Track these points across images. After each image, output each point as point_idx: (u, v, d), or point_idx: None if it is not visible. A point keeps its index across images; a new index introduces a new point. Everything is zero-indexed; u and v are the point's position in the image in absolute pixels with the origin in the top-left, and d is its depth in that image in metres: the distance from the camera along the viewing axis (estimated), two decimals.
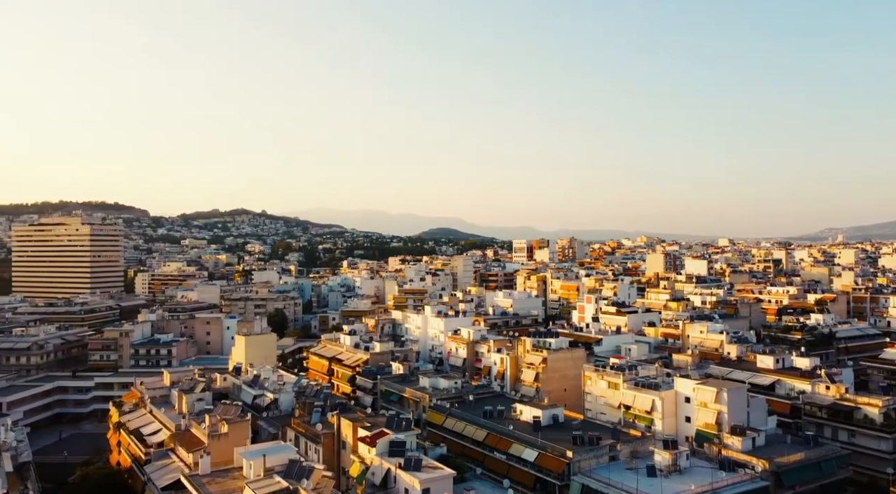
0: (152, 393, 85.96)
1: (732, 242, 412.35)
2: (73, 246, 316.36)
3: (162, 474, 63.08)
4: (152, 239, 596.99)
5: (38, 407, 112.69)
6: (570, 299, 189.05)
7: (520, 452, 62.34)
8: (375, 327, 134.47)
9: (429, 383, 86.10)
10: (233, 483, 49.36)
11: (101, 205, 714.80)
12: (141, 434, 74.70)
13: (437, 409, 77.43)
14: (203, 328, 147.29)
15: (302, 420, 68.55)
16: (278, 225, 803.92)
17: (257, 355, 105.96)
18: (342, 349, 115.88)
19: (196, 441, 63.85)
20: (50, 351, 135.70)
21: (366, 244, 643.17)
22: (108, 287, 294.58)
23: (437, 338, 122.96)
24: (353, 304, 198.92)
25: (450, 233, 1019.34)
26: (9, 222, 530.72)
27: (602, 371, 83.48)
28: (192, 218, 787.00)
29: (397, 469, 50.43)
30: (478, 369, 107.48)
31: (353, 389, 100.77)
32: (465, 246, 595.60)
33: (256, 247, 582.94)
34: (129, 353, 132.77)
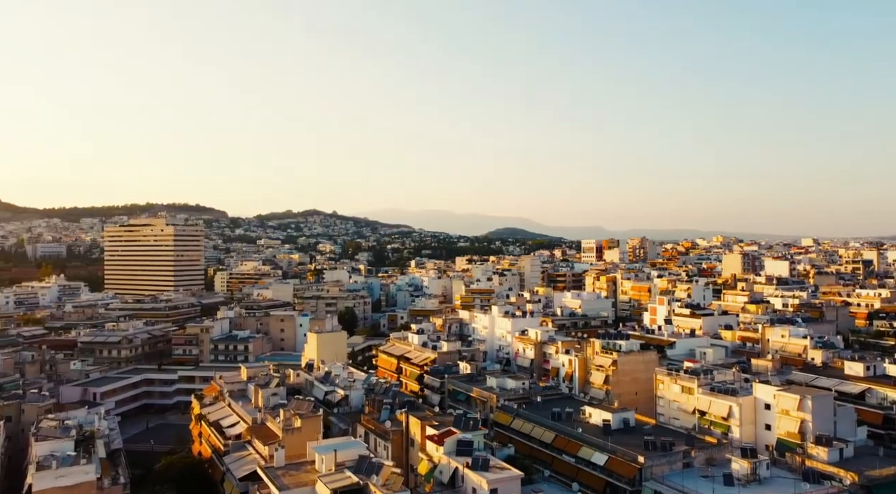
0: (230, 386, 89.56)
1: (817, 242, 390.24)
2: (159, 245, 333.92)
3: (240, 465, 65.66)
4: (230, 239, 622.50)
5: (127, 397, 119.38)
6: (641, 300, 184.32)
7: (589, 455, 61.30)
8: (443, 326, 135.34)
9: (496, 383, 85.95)
10: (306, 477, 50.79)
11: (184, 207, 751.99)
12: (220, 427, 78.02)
13: (504, 410, 77.19)
14: (277, 325, 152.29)
15: (371, 417, 69.83)
16: (348, 225, 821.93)
17: (328, 352, 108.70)
18: (410, 347, 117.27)
19: (271, 434, 66.17)
20: (138, 345, 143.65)
21: (433, 244, 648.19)
22: (190, 285, 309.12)
23: (505, 339, 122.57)
24: (421, 303, 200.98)
25: (517, 232, 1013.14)
26: (101, 223, 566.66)
27: (675, 374, 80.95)
28: (267, 218, 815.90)
29: (465, 468, 50.59)
30: (545, 370, 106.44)
31: (421, 387, 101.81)
32: (532, 246, 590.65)
33: (327, 246, 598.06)
34: (209, 348, 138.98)
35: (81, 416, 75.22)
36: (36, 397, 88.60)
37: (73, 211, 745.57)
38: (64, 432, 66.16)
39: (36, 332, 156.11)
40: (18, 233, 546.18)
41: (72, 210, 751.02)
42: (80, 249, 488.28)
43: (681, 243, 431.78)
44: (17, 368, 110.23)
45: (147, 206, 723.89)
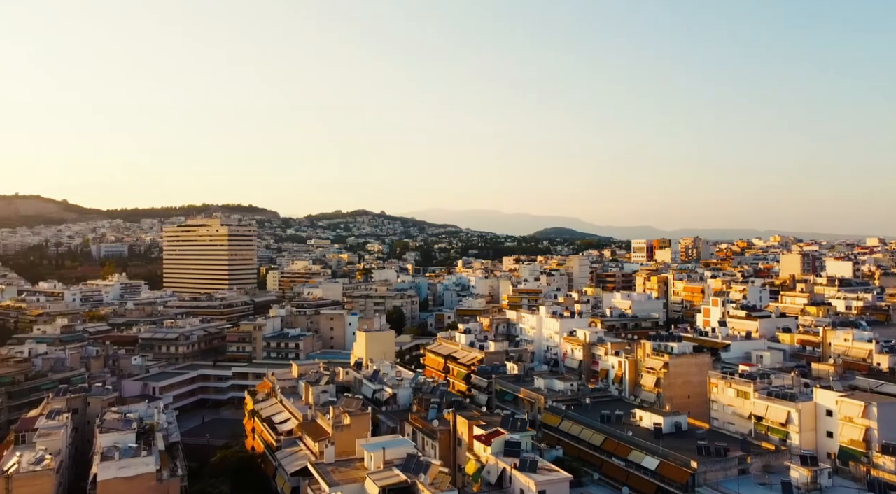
0: (282, 383, 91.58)
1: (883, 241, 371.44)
2: (214, 245, 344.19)
3: (291, 460, 67.11)
4: (282, 239, 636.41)
5: (184, 392, 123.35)
6: (693, 302, 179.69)
7: (640, 459, 60.14)
8: (490, 326, 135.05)
9: (544, 384, 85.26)
10: (355, 473, 51.47)
11: (238, 208, 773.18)
12: (272, 422, 79.88)
13: (552, 411, 76.49)
14: (327, 323, 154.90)
15: (419, 415, 70.26)
16: (396, 225, 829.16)
17: (377, 351, 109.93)
18: (457, 347, 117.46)
19: (321, 431, 67.35)
20: (194, 341, 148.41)
21: (480, 244, 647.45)
22: (244, 283, 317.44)
23: (552, 339, 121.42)
24: (468, 303, 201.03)
25: (565, 232, 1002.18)
26: (160, 223, 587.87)
27: (730, 378, 78.56)
28: (317, 219, 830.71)
29: (513, 469, 50.35)
30: (594, 372, 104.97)
31: (469, 387, 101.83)
32: (580, 245, 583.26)
33: (376, 246, 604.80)
34: (262, 346, 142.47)
35: (142, 410, 78.17)
36: (100, 390, 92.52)
37: (134, 212, 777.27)
38: (126, 425, 68.89)
39: (100, 328, 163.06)
40: (84, 233, 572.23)
41: (133, 211, 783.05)
42: (140, 249, 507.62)
43: (736, 243, 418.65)
44: (83, 362, 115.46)
45: (203, 207, 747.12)
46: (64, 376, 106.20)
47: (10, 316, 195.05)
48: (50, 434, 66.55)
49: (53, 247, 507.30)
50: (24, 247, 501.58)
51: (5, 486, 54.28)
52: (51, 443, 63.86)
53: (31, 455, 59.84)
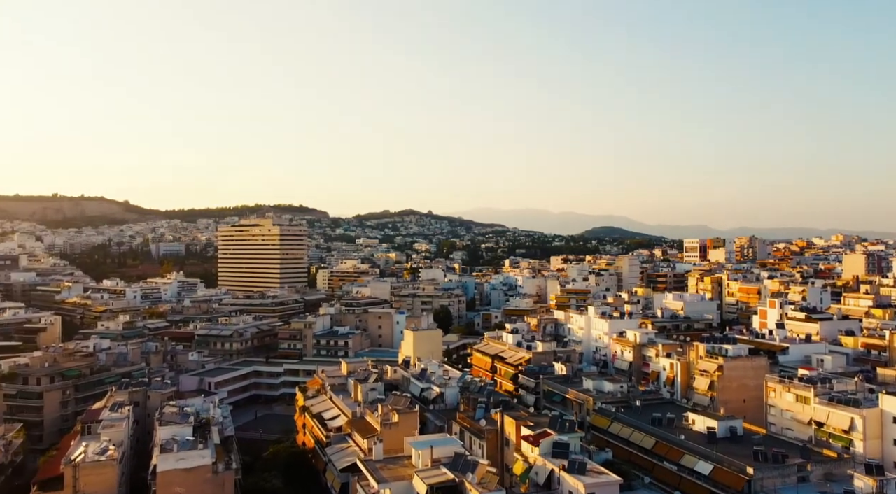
0: (332, 380, 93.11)
1: None
2: (266, 244, 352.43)
3: (340, 456, 68.18)
4: (331, 238, 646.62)
5: (238, 388, 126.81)
6: (749, 303, 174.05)
7: (693, 464, 58.70)
8: (537, 326, 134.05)
9: (592, 385, 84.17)
10: (403, 471, 51.93)
11: (289, 208, 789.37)
12: (322, 419, 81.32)
13: (601, 412, 75.44)
14: (375, 322, 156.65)
15: (467, 414, 70.35)
16: (443, 224, 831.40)
17: (424, 349, 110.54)
18: (505, 347, 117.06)
19: (370, 428, 68.19)
20: (247, 338, 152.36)
21: (527, 243, 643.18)
22: (295, 282, 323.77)
23: (601, 340, 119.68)
24: (515, 303, 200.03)
25: (614, 231, 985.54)
26: (215, 223, 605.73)
27: (789, 382, 75.84)
28: (365, 218, 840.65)
29: (561, 470, 49.90)
30: (645, 373, 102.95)
31: (516, 387, 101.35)
32: (630, 245, 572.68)
33: (423, 245, 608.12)
34: (312, 343, 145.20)
35: (198, 404, 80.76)
36: (159, 385, 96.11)
37: (190, 212, 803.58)
38: (183, 418, 71.31)
39: (159, 325, 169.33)
40: (144, 233, 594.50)
41: (189, 211, 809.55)
42: (196, 248, 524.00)
43: (794, 242, 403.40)
44: (144, 358, 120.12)
45: (255, 207, 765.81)
46: (126, 370, 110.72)
47: (77, 312, 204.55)
48: (113, 426, 69.49)
49: (116, 246, 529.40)
50: (89, 246, 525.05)
51: (73, 475, 56.99)
52: (114, 434, 66.70)
53: (96, 446, 62.61)
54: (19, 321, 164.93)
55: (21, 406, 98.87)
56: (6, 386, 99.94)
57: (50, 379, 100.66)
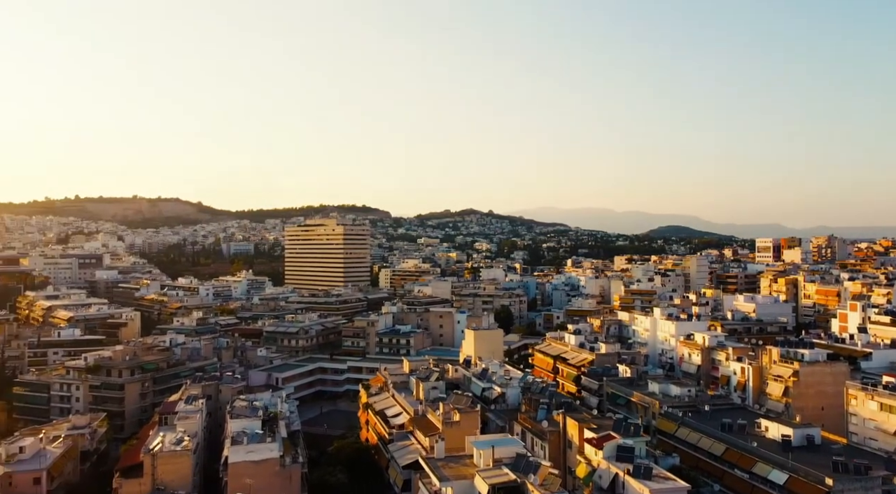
0: (394, 378, 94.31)
1: None
2: (330, 244, 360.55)
3: (403, 453, 68.95)
4: (393, 237, 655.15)
5: (304, 384, 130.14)
6: (827, 305, 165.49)
7: (766, 472, 56.34)
8: (601, 327, 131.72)
9: (658, 388, 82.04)
10: (464, 470, 52.06)
11: (352, 208, 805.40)
12: (385, 416, 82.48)
13: (668, 417, 73.42)
14: (437, 321, 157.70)
15: (528, 415, 69.86)
16: (504, 224, 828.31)
17: (485, 349, 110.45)
18: (567, 348, 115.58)
19: (431, 426, 68.68)
20: (313, 335, 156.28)
21: (590, 243, 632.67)
22: (358, 280, 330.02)
23: (668, 342, 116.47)
24: (578, 303, 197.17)
25: (681, 230, 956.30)
26: (282, 223, 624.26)
27: (873, 390, 71.73)
28: (426, 218, 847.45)
29: (625, 474, 48.85)
30: (714, 378, 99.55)
31: (578, 389, 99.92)
32: (698, 244, 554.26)
33: (483, 245, 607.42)
34: (375, 341, 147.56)
35: (267, 398, 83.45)
36: (230, 379, 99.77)
37: (259, 212, 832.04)
38: (253, 412, 73.85)
39: (230, 321, 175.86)
40: (216, 233, 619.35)
41: (258, 212, 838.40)
42: (264, 247, 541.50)
43: (879, 242, 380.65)
44: (216, 353, 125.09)
45: (320, 208, 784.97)
46: (199, 365, 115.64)
47: (154, 308, 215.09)
48: (188, 418, 72.66)
49: (190, 245, 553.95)
50: (165, 245, 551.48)
51: (151, 463, 59.99)
52: (188, 426, 69.74)
53: (173, 436, 65.63)
54: (103, 316, 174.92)
55: (105, 397, 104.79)
56: (91, 378, 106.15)
57: (130, 372, 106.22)
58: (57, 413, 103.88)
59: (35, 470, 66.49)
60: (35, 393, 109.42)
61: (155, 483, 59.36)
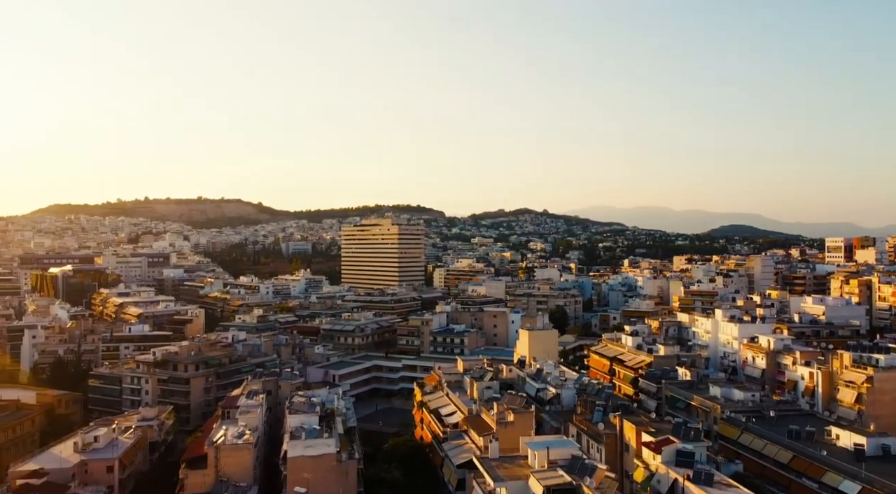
0: (448, 377, 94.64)
1: None
2: (385, 243, 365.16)
3: (457, 452, 69.14)
4: (447, 237, 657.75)
5: (359, 381, 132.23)
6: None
7: (837, 483, 53.80)
8: (659, 329, 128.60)
9: (720, 392, 79.55)
10: (519, 470, 51.79)
11: (407, 208, 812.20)
12: (439, 414, 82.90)
13: (730, 422, 71.06)
14: (490, 321, 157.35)
15: (584, 417, 68.91)
16: (559, 223, 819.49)
17: (539, 349, 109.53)
18: (624, 349, 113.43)
19: (486, 426, 68.61)
20: (368, 333, 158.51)
21: (648, 242, 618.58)
22: (412, 280, 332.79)
23: (730, 345, 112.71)
24: (635, 304, 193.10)
25: (744, 229, 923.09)
26: (339, 223, 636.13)
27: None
28: (480, 218, 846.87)
29: (685, 480, 47.57)
30: (780, 382, 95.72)
31: (636, 391, 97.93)
32: (763, 244, 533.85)
33: (538, 244, 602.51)
34: (429, 340, 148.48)
35: (324, 395, 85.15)
36: (289, 375, 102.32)
37: (316, 213, 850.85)
38: (310, 408, 75.48)
39: (288, 319, 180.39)
40: (275, 233, 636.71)
41: (315, 212, 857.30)
42: (322, 247, 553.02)
43: None
44: (275, 349, 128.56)
45: (375, 208, 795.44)
46: (259, 361, 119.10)
47: (217, 305, 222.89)
48: (249, 412, 74.88)
49: (251, 245, 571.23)
50: (227, 245, 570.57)
51: (215, 455, 62.18)
52: (250, 420, 71.87)
53: (235, 430, 67.80)
54: (170, 313, 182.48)
55: (171, 390, 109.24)
56: (159, 372, 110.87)
57: (195, 367, 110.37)
58: (128, 404, 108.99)
59: (108, 459, 70.00)
60: (108, 386, 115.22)
61: (218, 474, 61.47)
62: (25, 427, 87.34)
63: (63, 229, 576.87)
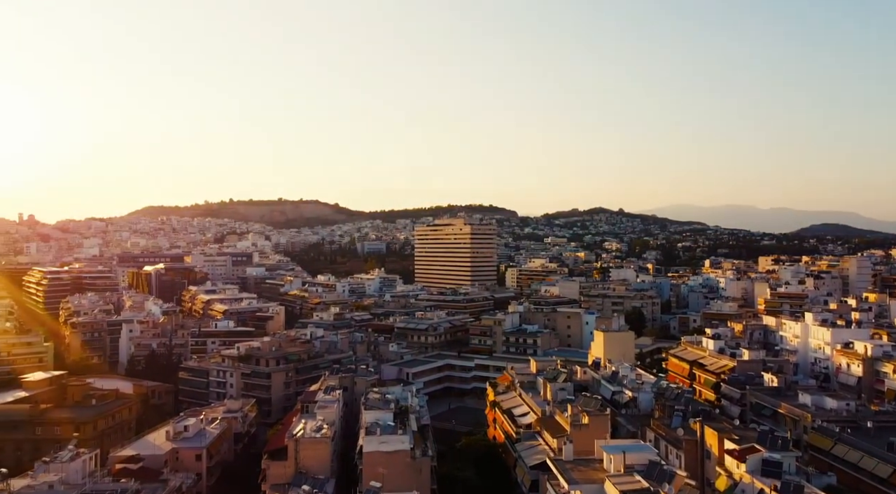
0: (521, 378, 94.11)
1: None
2: (458, 243, 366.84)
3: (530, 454, 68.63)
4: (519, 237, 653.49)
5: (432, 379, 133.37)
6: None
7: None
8: (743, 332, 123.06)
9: (810, 400, 75.25)
10: (594, 474, 50.90)
11: (479, 208, 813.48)
12: (512, 415, 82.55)
13: (821, 432, 67.12)
14: (564, 321, 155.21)
15: (662, 422, 66.94)
16: (635, 223, 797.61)
17: (615, 351, 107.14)
18: (704, 353, 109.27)
19: (559, 427, 67.77)
20: (441, 332, 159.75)
21: (731, 242, 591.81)
22: (484, 279, 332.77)
23: (821, 351, 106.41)
24: (717, 306, 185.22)
25: (837, 229, 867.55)
26: (412, 223, 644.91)
27: None
28: (553, 217, 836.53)
29: (772, 491, 45.34)
30: (879, 391, 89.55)
31: (718, 397, 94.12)
32: (859, 244, 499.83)
33: (613, 244, 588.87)
34: (501, 340, 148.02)
35: (398, 392, 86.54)
36: (364, 372, 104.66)
37: (390, 213, 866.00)
38: (385, 405, 76.91)
39: (364, 317, 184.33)
40: (351, 233, 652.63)
41: (390, 212, 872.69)
42: (396, 246, 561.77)
43: None
44: (351, 346, 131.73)
45: (448, 208, 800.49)
46: (336, 357, 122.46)
47: (297, 303, 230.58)
48: (327, 407, 77.18)
49: (328, 244, 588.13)
50: (306, 244, 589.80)
51: (294, 448, 64.43)
52: (327, 415, 74.05)
53: (313, 424, 70.02)
54: (252, 310, 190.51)
55: (254, 384, 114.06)
56: (243, 366, 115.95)
57: (276, 362, 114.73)
58: (214, 397, 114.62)
59: (197, 448, 73.91)
60: (196, 378, 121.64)
61: (298, 466, 63.65)
62: (123, 415, 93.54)
63: (156, 230, 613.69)
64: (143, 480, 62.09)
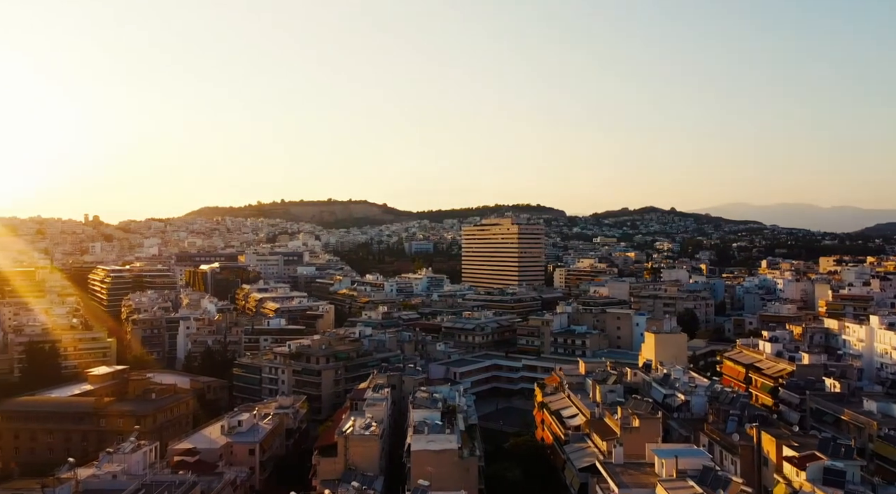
0: (569, 379, 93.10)
1: None
2: (505, 243, 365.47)
3: (579, 456, 67.86)
4: (568, 236, 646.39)
5: (480, 379, 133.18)
6: None
7: None
8: (802, 336, 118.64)
9: (876, 407, 71.88)
10: (645, 478, 49.97)
11: (526, 207, 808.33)
12: (561, 416, 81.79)
13: (889, 440, 64.05)
14: (613, 322, 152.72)
15: (716, 426, 65.20)
16: (688, 222, 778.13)
17: (667, 354, 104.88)
18: (761, 356, 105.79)
19: (609, 430, 66.79)
20: (488, 332, 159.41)
21: (789, 242, 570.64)
22: (532, 279, 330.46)
23: (888, 355, 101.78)
24: (774, 308, 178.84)
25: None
26: (459, 223, 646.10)
27: None
28: (602, 217, 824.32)
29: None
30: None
31: (775, 402, 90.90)
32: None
33: (665, 244, 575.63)
34: (549, 340, 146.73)
35: (445, 391, 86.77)
36: (412, 371, 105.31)
37: (437, 213, 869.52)
38: (432, 403, 77.24)
39: (411, 316, 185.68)
40: (399, 232, 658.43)
41: (437, 212, 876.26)
42: (443, 246, 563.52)
43: None
44: (399, 345, 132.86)
45: (495, 208, 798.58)
46: (384, 356, 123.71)
47: (346, 302, 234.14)
48: (375, 405, 78.02)
49: (376, 244, 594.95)
50: (355, 244, 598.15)
51: (344, 444, 65.45)
52: (376, 413, 74.89)
53: (362, 421, 70.94)
54: (303, 308, 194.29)
55: (304, 381, 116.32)
56: (294, 363, 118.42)
57: (326, 360, 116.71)
58: (266, 393, 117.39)
59: (251, 442, 75.93)
60: (249, 375, 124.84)
61: (347, 463, 64.61)
62: (181, 410, 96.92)
63: (211, 230, 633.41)
64: (200, 473, 64.07)
